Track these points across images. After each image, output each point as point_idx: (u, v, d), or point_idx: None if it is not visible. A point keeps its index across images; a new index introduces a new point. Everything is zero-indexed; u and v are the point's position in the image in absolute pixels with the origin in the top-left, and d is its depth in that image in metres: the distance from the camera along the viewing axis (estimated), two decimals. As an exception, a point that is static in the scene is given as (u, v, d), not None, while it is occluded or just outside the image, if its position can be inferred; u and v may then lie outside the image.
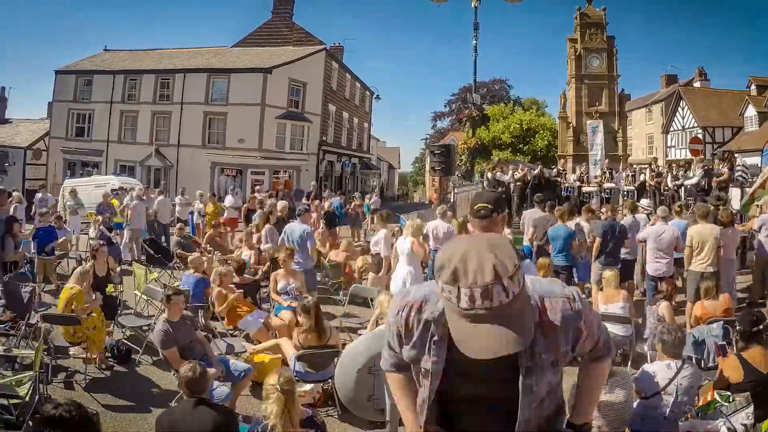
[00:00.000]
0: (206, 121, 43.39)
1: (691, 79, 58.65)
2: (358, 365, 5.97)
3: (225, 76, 43.62)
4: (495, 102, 64.52)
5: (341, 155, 53.68)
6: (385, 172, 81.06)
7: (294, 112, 44.65)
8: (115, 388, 8.77)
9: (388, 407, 5.72)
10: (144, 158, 43.01)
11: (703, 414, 6.17)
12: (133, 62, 48.02)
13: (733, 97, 51.62)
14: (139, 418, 7.86)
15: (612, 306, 9.96)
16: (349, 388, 6.11)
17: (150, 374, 9.45)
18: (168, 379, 8.77)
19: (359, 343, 6.53)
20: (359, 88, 59.59)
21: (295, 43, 50.78)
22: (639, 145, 59.92)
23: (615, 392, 6.17)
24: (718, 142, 48.85)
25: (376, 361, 5.76)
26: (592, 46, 32.37)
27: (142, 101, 44.60)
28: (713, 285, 9.34)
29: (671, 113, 54.08)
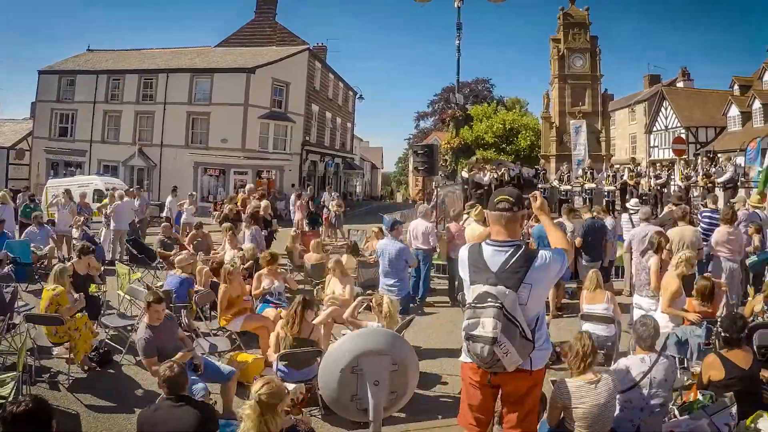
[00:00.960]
0: (189, 121, 43.39)
1: (675, 79, 58.95)
2: (342, 365, 5.95)
3: (208, 76, 43.63)
4: (478, 102, 64.57)
5: (324, 155, 53.78)
6: (368, 172, 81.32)
7: (277, 112, 44.69)
8: (99, 389, 8.79)
9: (371, 407, 5.71)
10: (127, 158, 42.88)
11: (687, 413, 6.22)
12: (116, 62, 47.98)
13: (717, 97, 51.96)
14: (122, 418, 7.88)
15: (596, 306, 10.00)
16: (332, 387, 6.09)
17: (133, 374, 9.46)
18: (151, 380, 8.75)
19: (343, 343, 6.51)
20: (342, 88, 59.74)
21: (278, 43, 50.89)
22: (622, 145, 60.27)
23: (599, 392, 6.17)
24: (702, 142, 49.15)
25: (359, 360, 5.77)
26: (575, 46, 32.40)
27: (125, 101, 44.55)
28: (709, 286, 9.35)
29: (654, 113, 54.39)
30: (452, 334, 11.98)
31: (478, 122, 48.30)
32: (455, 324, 12.35)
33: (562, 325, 12.63)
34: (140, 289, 11.56)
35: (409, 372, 6.11)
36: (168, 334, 8.08)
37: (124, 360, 9.93)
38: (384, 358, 5.86)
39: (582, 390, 6.15)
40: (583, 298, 10.38)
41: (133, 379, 9.32)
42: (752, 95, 45.71)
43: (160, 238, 17.80)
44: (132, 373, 9.49)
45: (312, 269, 15.06)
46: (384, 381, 5.76)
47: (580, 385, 6.19)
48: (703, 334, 8.45)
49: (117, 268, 14.50)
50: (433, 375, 9.79)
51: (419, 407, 8.13)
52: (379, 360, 5.83)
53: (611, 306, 10.00)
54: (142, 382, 9.08)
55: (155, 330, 7.92)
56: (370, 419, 5.75)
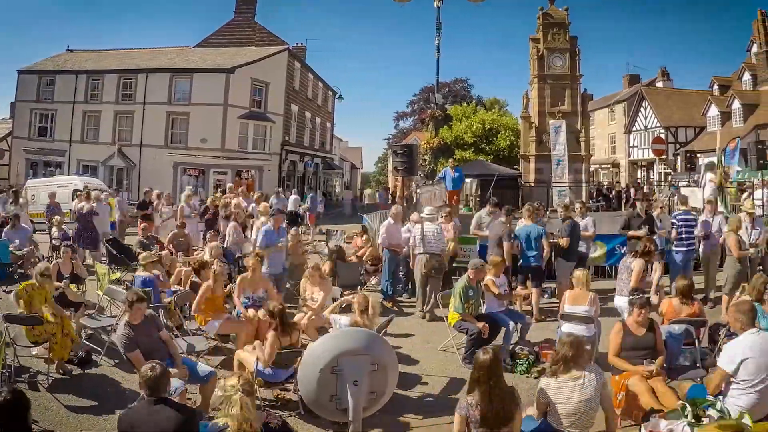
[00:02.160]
0: (169, 121, 43.38)
1: (654, 79, 59.18)
2: (321, 365, 5.98)
3: (187, 76, 43.63)
4: (457, 102, 64.59)
5: (304, 155, 53.90)
6: (347, 172, 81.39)
7: (256, 112, 44.73)
8: (78, 389, 8.76)
9: (350, 407, 5.73)
10: (106, 158, 42.74)
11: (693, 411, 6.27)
12: (95, 62, 47.87)
13: (696, 97, 52.14)
14: (101, 419, 7.85)
15: (577, 307, 10.02)
16: (312, 387, 6.11)
17: (112, 375, 9.43)
18: (130, 380, 8.74)
19: (322, 343, 6.53)
20: (322, 88, 59.83)
21: (257, 43, 50.86)
22: (602, 145, 60.46)
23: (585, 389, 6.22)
24: (681, 142, 49.32)
25: (339, 360, 5.80)
26: (554, 46, 32.38)
27: (105, 101, 44.47)
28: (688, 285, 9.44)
29: (634, 113, 54.58)
30: (432, 335, 12.01)
31: (457, 122, 48.34)
32: (435, 324, 12.37)
33: (542, 325, 12.70)
34: (119, 290, 11.50)
35: (388, 372, 6.14)
36: (148, 333, 8.05)
37: (104, 361, 9.89)
38: (363, 359, 5.89)
39: (567, 388, 6.20)
40: (566, 297, 10.39)
41: (113, 379, 9.28)
42: (732, 95, 45.86)
43: (139, 238, 17.70)
44: (111, 374, 9.45)
45: (291, 270, 15.05)
46: (363, 381, 5.79)
47: (565, 382, 6.24)
48: (683, 337, 8.55)
49: (96, 268, 14.45)
50: (413, 375, 9.78)
51: (399, 407, 8.13)
52: (359, 360, 5.86)
53: (593, 307, 10.03)
54: (122, 383, 9.05)
55: (135, 328, 7.92)
56: (350, 419, 5.78)
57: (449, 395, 8.96)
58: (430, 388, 9.34)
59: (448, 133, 42.88)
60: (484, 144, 47.26)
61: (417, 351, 11.14)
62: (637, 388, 7.35)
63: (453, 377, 9.82)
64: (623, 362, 7.79)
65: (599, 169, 58.77)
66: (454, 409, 5.81)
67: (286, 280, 14.19)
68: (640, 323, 8.00)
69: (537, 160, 32.30)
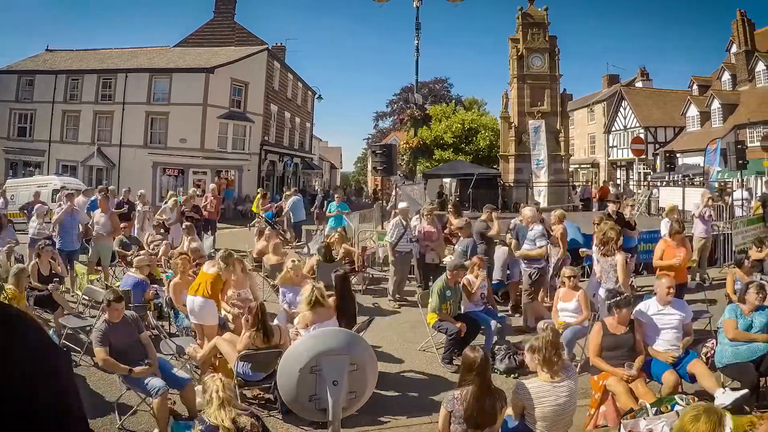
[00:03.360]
0: (148, 120, 43.18)
1: (633, 79, 59.51)
2: (300, 364, 5.98)
3: (167, 75, 43.44)
4: (437, 102, 64.59)
5: (283, 155, 53.85)
6: (327, 172, 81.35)
7: (236, 112, 44.66)
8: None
9: (330, 407, 5.75)
10: (86, 158, 42.56)
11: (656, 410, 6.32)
12: (75, 62, 47.65)
13: (675, 97, 52.42)
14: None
15: (568, 304, 10.20)
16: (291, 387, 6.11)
17: (92, 375, 9.40)
18: (109, 380, 8.73)
19: (301, 343, 6.54)
20: (301, 88, 59.87)
21: (237, 43, 50.79)
22: (581, 145, 60.67)
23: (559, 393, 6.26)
24: (660, 142, 49.53)
25: (318, 360, 5.81)
26: (534, 46, 32.43)
27: (84, 101, 44.19)
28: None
29: (613, 113, 54.81)
30: (411, 335, 12.04)
31: (436, 122, 48.30)
32: (414, 324, 12.40)
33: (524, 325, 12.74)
34: (98, 290, 11.50)
35: (367, 372, 6.15)
36: (125, 334, 8.04)
37: (82, 361, 9.87)
38: (343, 358, 5.90)
39: (542, 391, 6.23)
40: (558, 295, 10.53)
41: (92, 379, 9.27)
42: (711, 95, 46.10)
43: (119, 237, 17.65)
44: (90, 374, 9.43)
45: (270, 270, 15.06)
46: (343, 381, 5.80)
47: (540, 385, 6.27)
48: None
49: (75, 268, 14.43)
50: (393, 375, 9.84)
51: (379, 407, 8.17)
52: (338, 360, 5.87)
53: (581, 305, 10.15)
54: (99, 383, 9.04)
55: (113, 327, 7.92)
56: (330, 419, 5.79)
57: (429, 395, 9.00)
58: (410, 387, 9.39)
59: (427, 133, 42.85)
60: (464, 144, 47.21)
61: (397, 351, 11.19)
62: (616, 389, 7.40)
63: (433, 376, 9.89)
64: (603, 363, 7.84)
65: (579, 169, 59.03)
66: (433, 409, 5.85)
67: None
68: (619, 323, 8.06)
69: (516, 160, 32.37)
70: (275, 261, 15.06)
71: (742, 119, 40.50)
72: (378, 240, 18.11)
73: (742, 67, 44.68)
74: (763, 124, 38.36)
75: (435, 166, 39.13)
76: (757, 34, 45.19)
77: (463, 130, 45.96)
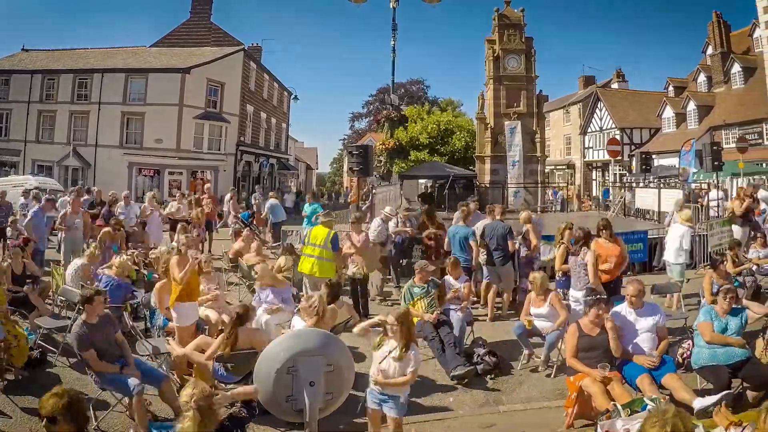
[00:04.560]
0: (124, 121, 43.21)
1: (609, 81, 59.74)
2: (277, 365, 5.95)
3: (143, 76, 43.47)
4: (413, 103, 64.80)
5: (259, 155, 53.96)
6: (303, 173, 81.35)
7: (212, 113, 44.73)
8: (34, 390, 8.63)
9: (307, 407, 5.73)
10: (61, 158, 42.53)
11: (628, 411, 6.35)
12: (50, 62, 47.45)
13: (651, 98, 52.69)
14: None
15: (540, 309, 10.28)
16: (268, 388, 6.09)
17: (67, 375, 9.39)
18: (85, 380, 8.68)
19: (278, 343, 6.51)
20: (277, 89, 60.05)
21: (213, 43, 50.91)
22: (557, 146, 60.91)
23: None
24: (636, 144, 49.83)
25: (295, 361, 5.79)
26: (510, 48, 32.40)
27: (60, 101, 44.12)
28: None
29: (589, 114, 55.03)
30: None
31: (412, 123, 48.31)
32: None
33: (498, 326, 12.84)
34: (74, 290, 11.41)
35: (344, 373, 6.15)
36: (103, 333, 7.99)
37: (58, 361, 9.82)
38: (319, 359, 5.89)
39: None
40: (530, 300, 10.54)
41: (68, 379, 9.22)
42: (687, 97, 46.49)
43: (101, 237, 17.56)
44: (66, 374, 9.41)
45: (248, 271, 15.01)
46: (319, 382, 5.79)
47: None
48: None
49: (51, 268, 14.36)
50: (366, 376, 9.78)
51: (356, 408, 8.11)
52: (315, 361, 5.86)
53: (553, 307, 10.19)
54: (77, 383, 8.91)
55: (91, 327, 7.86)
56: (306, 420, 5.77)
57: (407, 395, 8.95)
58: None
59: (403, 134, 42.82)
60: (440, 145, 47.23)
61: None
62: (592, 390, 7.44)
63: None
64: (579, 364, 7.90)
65: (555, 170, 59.14)
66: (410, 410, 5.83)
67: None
68: (594, 324, 8.09)
69: (492, 161, 32.39)
70: (255, 262, 15.01)
71: (717, 121, 40.78)
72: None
73: (717, 68, 45.00)
74: (738, 125, 38.68)
75: (411, 167, 39.16)
76: (733, 36, 45.55)
77: (438, 131, 46.03)
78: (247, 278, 14.99)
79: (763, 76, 34.42)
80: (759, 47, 38.87)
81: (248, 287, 14.70)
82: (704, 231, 19.18)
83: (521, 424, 8.24)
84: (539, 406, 8.84)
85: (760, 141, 36.14)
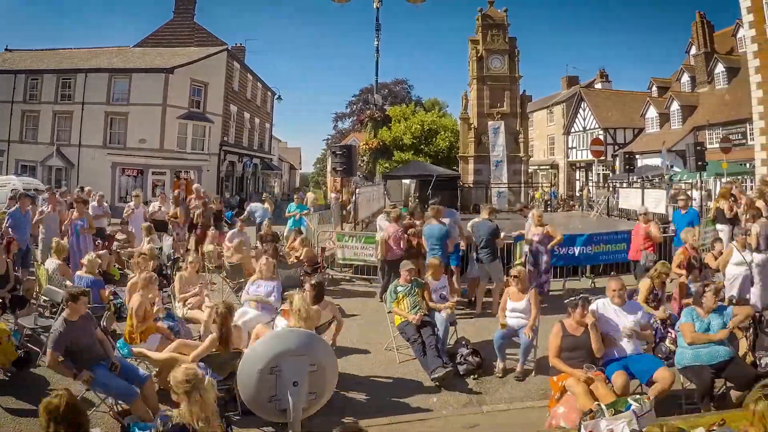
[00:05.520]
0: (107, 121, 43.15)
1: (593, 81, 59.92)
2: (260, 365, 5.95)
3: (126, 76, 43.42)
4: (396, 103, 65.03)
5: (242, 155, 54.13)
6: (286, 173, 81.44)
7: (195, 113, 44.75)
8: (18, 391, 8.70)
9: (290, 407, 5.73)
10: (45, 158, 42.46)
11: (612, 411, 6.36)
12: (34, 62, 47.32)
13: (635, 98, 52.87)
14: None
15: (518, 303, 10.20)
16: (251, 388, 6.09)
17: (50, 376, 9.30)
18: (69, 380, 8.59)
19: (261, 344, 6.51)
20: (261, 89, 60.15)
21: (196, 43, 50.87)
22: (540, 147, 61.08)
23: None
24: (619, 144, 49.98)
25: (278, 361, 5.79)
26: (493, 48, 32.50)
27: (44, 101, 44.02)
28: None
29: (572, 114, 55.18)
30: (374, 335, 12.01)
31: (396, 123, 48.35)
32: (373, 325, 12.39)
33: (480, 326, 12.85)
34: (58, 290, 11.37)
35: (327, 373, 6.15)
36: (84, 332, 7.95)
37: (42, 362, 9.75)
38: (302, 359, 5.89)
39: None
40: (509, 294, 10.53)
41: (53, 379, 9.16)
42: (670, 97, 46.63)
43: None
44: (50, 375, 9.31)
45: (231, 269, 14.99)
46: (303, 382, 5.78)
47: None
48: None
49: (36, 268, 14.30)
50: (353, 376, 9.81)
51: (339, 409, 8.15)
52: (298, 361, 5.85)
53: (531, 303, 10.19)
54: (61, 383, 8.82)
55: (71, 325, 7.82)
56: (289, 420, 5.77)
57: (389, 396, 9.04)
58: (371, 389, 9.39)
59: (387, 134, 42.90)
60: (423, 145, 47.36)
61: (358, 351, 11.21)
62: (575, 390, 7.43)
63: (393, 378, 9.91)
64: (562, 364, 7.90)
65: (538, 170, 59.24)
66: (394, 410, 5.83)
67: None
68: (578, 323, 8.10)
69: (476, 161, 32.49)
70: (237, 260, 15.02)
71: (701, 121, 40.90)
72: (338, 240, 18.07)
73: (701, 68, 45.18)
74: (722, 125, 38.83)
75: (395, 167, 39.22)
76: (717, 36, 45.70)
77: (422, 131, 46.18)
78: (230, 278, 14.97)
79: (746, 76, 34.52)
80: (743, 47, 38.91)
81: (232, 287, 14.69)
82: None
83: (504, 425, 8.23)
84: (522, 407, 8.82)
85: (743, 141, 36.23)
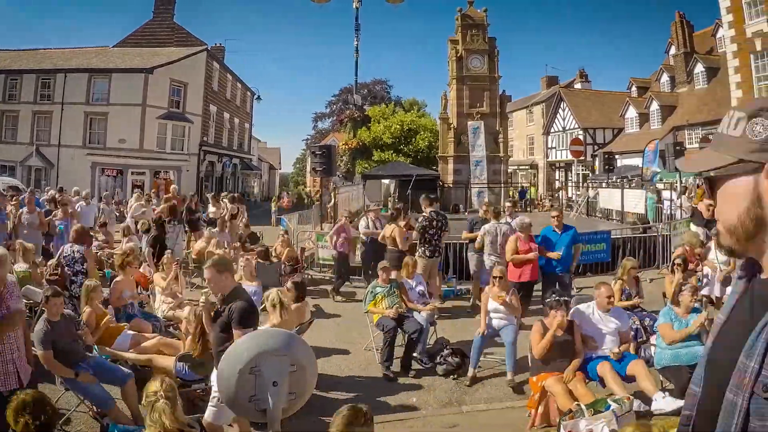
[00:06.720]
0: (87, 121, 43.29)
1: (572, 81, 60.08)
2: (240, 365, 5.93)
3: (106, 76, 43.53)
4: (376, 103, 65.15)
5: (222, 155, 54.30)
6: (266, 173, 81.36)
7: (175, 113, 44.92)
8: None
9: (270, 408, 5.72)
10: (24, 158, 42.46)
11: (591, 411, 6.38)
12: (13, 62, 47.19)
13: (614, 98, 52.99)
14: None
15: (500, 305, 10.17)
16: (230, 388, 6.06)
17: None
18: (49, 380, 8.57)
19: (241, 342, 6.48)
20: (240, 89, 60.46)
21: (176, 43, 50.95)
22: (520, 146, 61.19)
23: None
24: (599, 144, 50.07)
25: (258, 360, 5.77)
26: (473, 48, 32.48)
27: (23, 101, 44.00)
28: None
29: (552, 114, 55.28)
30: (353, 335, 12.03)
31: (376, 123, 48.44)
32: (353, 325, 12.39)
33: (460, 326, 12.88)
34: (36, 290, 11.32)
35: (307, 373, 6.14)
36: (65, 331, 7.90)
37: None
38: (282, 359, 5.87)
39: None
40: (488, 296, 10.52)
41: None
42: (650, 97, 46.77)
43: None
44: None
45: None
46: (283, 382, 5.77)
47: None
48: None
49: (14, 268, 14.20)
50: (333, 376, 9.85)
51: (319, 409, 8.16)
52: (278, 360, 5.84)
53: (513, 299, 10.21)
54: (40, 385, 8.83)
55: (53, 325, 7.75)
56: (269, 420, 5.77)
57: (370, 396, 9.03)
58: (351, 388, 9.41)
59: (366, 134, 42.95)
60: (403, 145, 47.45)
61: (337, 351, 11.23)
62: (554, 390, 7.45)
63: (373, 377, 9.94)
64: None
65: (518, 170, 59.36)
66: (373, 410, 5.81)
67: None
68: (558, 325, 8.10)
69: (455, 161, 32.49)
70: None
71: (680, 121, 40.99)
72: (317, 240, 18.08)
73: (680, 68, 45.32)
74: (701, 125, 38.97)
75: (374, 167, 39.22)
76: (696, 36, 45.86)
77: (402, 131, 46.26)
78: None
79: (726, 76, 34.73)
80: (722, 47, 39.13)
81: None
82: (667, 231, 19.33)
83: (484, 425, 8.26)
84: (502, 407, 8.85)
85: (722, 141, 36.39)
